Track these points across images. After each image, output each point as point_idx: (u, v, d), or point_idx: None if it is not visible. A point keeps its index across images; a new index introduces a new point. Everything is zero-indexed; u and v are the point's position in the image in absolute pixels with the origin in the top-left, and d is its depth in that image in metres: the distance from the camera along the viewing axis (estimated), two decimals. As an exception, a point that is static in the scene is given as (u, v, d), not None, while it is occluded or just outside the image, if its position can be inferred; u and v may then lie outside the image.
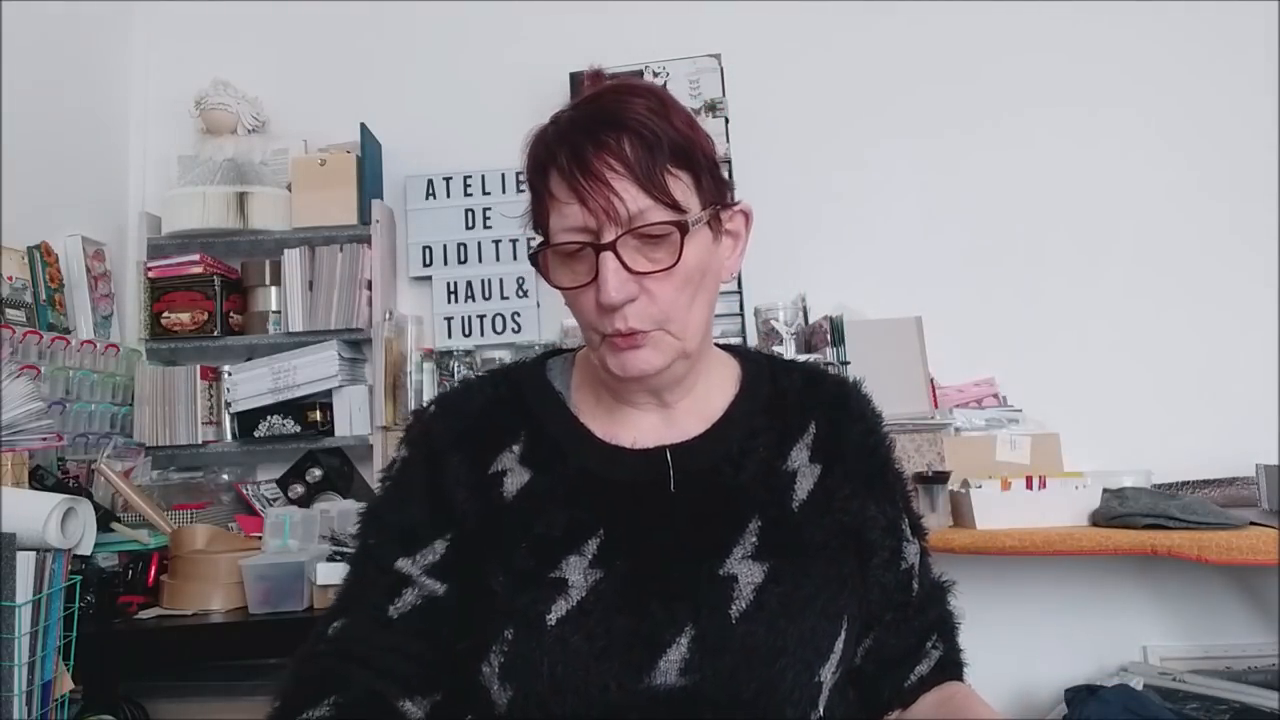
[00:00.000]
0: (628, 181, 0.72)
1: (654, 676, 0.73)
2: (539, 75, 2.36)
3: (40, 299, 2.01)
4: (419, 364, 2.30)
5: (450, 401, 0.88)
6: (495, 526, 0.80)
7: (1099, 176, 2.32)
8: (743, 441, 0.84)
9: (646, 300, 0.75)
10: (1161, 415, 2.19)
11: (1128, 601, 2.16)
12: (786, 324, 2.18)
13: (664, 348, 0.78)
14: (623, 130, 0.73)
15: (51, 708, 1.33)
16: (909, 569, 0.88)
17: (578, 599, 0.75)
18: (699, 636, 0.74)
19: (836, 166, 2.38)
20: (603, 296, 0.73)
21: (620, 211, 0.72)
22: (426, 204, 2.43)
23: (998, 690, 2.06)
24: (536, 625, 0.74)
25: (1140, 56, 2.35)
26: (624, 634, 0.74)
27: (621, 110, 0.75)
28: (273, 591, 1.70)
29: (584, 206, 0.73)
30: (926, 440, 2.03)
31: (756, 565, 0.78)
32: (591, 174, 0.72)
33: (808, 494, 0.83)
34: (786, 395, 0.88)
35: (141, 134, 2.50)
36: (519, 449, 0.83)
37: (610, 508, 0.79)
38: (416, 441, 0.87)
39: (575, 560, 0.77)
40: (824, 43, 2.43)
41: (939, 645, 0.88)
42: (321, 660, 0.79)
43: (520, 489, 0.81)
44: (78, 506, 1.39)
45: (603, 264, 0.73)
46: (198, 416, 2.21)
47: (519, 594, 0.76)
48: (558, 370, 0.90)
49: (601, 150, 0.73)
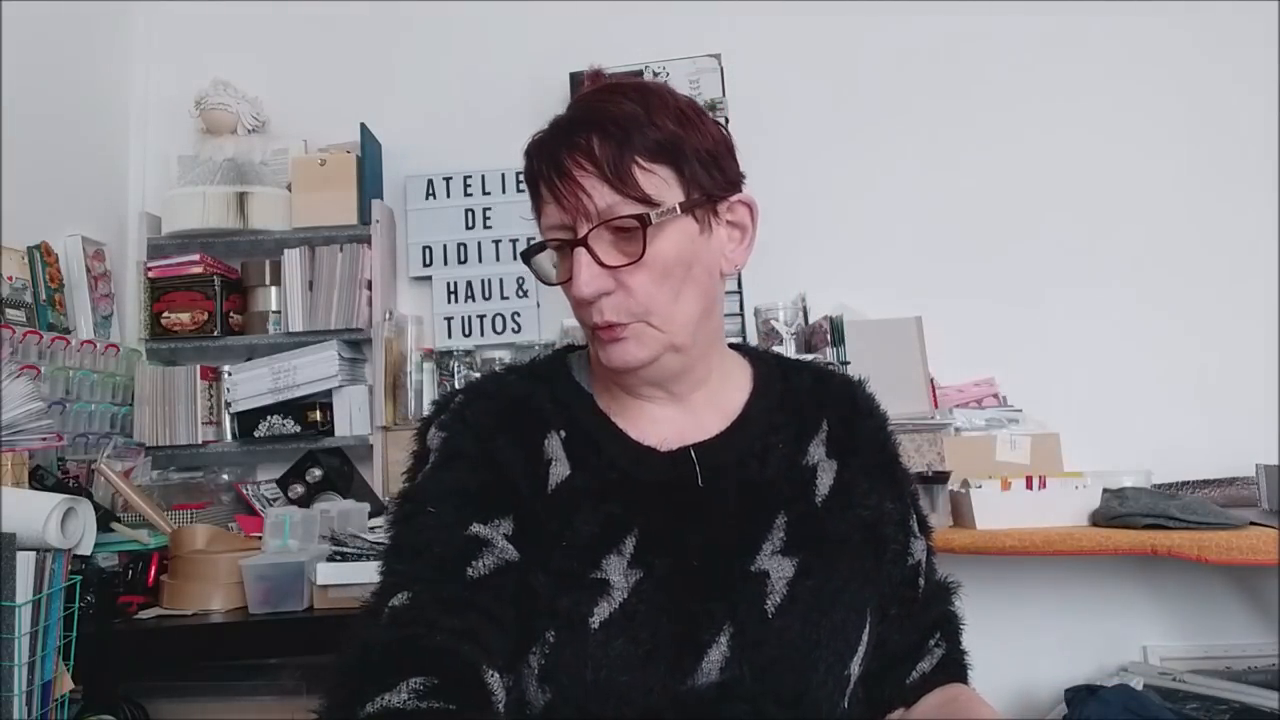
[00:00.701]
0: (596, 179, 0.74)
1: (697, 677, 0.73)
2: (539, 75, 2.36)
3: (40, 299, 2.01)
4: (419, 364, 2.30)
5: (481, 389, 0.86)
6: (538, 518, 0.78)
7: (1099, 176, 2.32)
8: (764, 437, 0.84)
9: (623, 294, 0.76)
10: (1161, 415, 2.19)
11: (1128, 601, 2.16)
12: (786, 324, 2.18)
13: (647, 340, 0.78)
14: (593, 129, 0.75)
15: (51, 708, 1.33)
16: (915, 565, 0.88)
17: (620, 600, 0.74)
18: (737, 634, 0.74)
19: (836, 166, 2.38)
20: (574, 290, 0.76)
21: (589, 207, 0.74)
22: (426, 204, 2.43)
23: (998, 690, 2.06)
24: (580, 628, 0.73)
25: (1141, 57, 2.35)
26: (668, 637, 0.73)
27: (597, 109, 0.77)
28: (273, 591, 1.70)
29: (559, 205, 0.76)
30: (926, 440, 2.03)
31: (786, 560, 0.78)
32: (563, 173, 0.75)
33: (829, 489, 0.84)
34: (799, 393, 0.89)
35: (141, 134, 2.50)
36: (564, 435, 0.82)
37: (642, 506, 0.79)
38: (452, 423, 0.82)
39: (615, 560, 0.76)
40: (824, 43, 2.43)
41: (942, 644, 0.88)
42: (396, 632, 0.68)
43: (561, 481, 0.80)
44: (78, 506, 1.39)
45: (575, 259, 0.76)
46: (198, 416, 2.21)
47: (561, 595, 0.74)
48: (578, 366, 0.90)
49: (574, 151, 0.75)
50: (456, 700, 0.64)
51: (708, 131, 0.80)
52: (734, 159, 0.83)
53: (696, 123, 0.79)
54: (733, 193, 0.82)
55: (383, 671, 0.65)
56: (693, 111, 0.80)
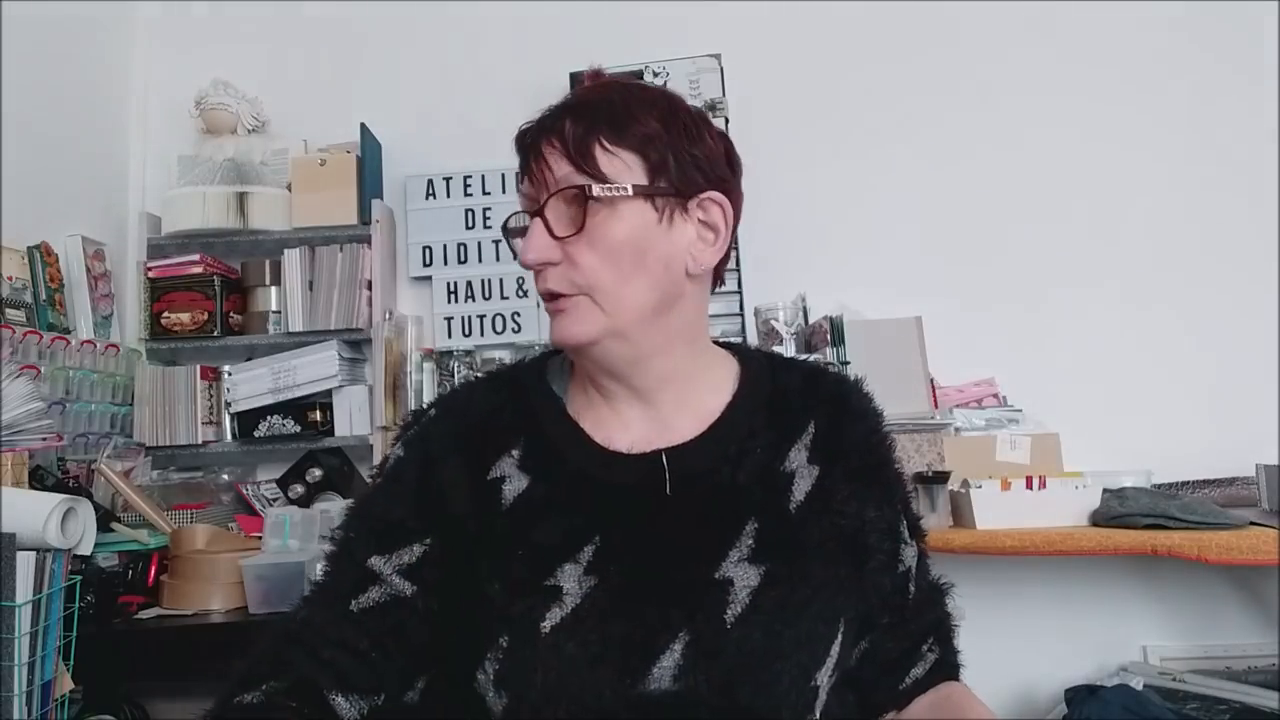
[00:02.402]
0: (559, 155, 0.77)
1: (648, 682, 0.72)
2: (539, 75, 2.35)
3: (40, 299, 2.01)
4: (419, 364, 2.30)
5: (451, 404, 0.88)
6: (492, 532, 0.79)
7: (1099, 176, 2.32)
8: (741, 442, 0.83)
9: (567, 265, 0.78)
10: (1161, 415, 2.19)
11: (1128, 601, 2.16)
12: (786, 324, 2.18)
13: (587, 316, 0.78)
14: (569, 113, 0.78)
15: (51, 708, 1.33)
16: (906, 572, 0.87)
17: (572, 606, 0.74)
18: (693, 642, 0.73)
19: (836, 166, 2.38)
20: (521, 256, 0.79)
21: (548, 179, 0.77)
22: (426, 204, 2.43)
23: (998, 690, 2.06)
24: (530, 633, 0.74)
25: (1141, 57, 2.35)
26: (618, 640, 0.73)
27: (580, 97, 0.81)
28: (273, 591, 1.70)
29: (530, 180, 0.80)
30: (926, 440, 2.03)
31: (752, 568, 0.77)
32: (535, 151, 0.79)
33: (805, 495, 0.82)
34: (787, 394, 0.87)
35: (141, 134, 2.50)
36: (518, 454, 0.82)
37: (606, 513, 0.79)
38: (413, 443, 0.86)
39: (570, 568, 0.76)
40: (824, 43, 2.43)
41: (935, 648, 0.88)
42: (275, 642, 0.79)
43: (518, 495, 0.80)
44: (78, 506, 1.39)
45: (531, 228, 0.78)
46: (198, 416, 2.21)
47: (514, 602, 0.76)
48: (556, 370, 0.90)
49: (548, 132, 0.78)
50: (300, 713, 0.75)
51: (702, 139, 0.79)
52: (732, 172, 0.82)
53: (690, 128, 0.79)
54: (700, 189, 0.79)
55: (257, 669, 0.77)
56: (690, 120, 0.80)
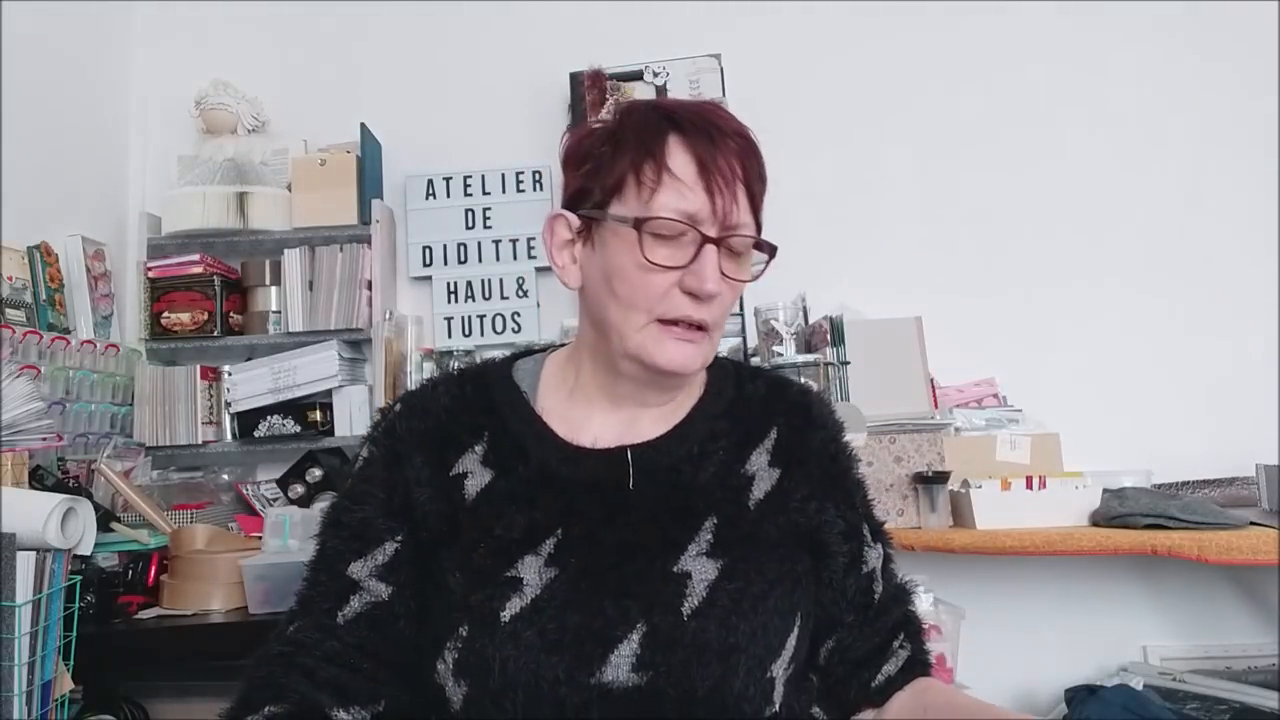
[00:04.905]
0: (744, 197, 0.81)
1: (605, 672, 0.74)
2: (539, 75, 2.36)
3: (40, 299, 2.01)
4: (419, 364, 2.30)
5: (415, 401, 0.90)
6: (456, 527, 0.81)
7: (1099, 176, 2.32)
8: (704, 443, 0.86)
9: (719, 301, 0.80)
10: (1161, 415, 2.19)
11: (1128, 601, 2.16)
12: (786, 324, 2.18)
13: (707, 349, 0.82)
14: (750, 150, 0.82)
15: (51, 708, 1.33)
16: (870, 572, 0.89)
17: (532, 596, 0.76)
18: (650, 633, 0.75)
19: (836, 166, 2.38)
20: (706, 284, 0.78)
21: (733, 217, 0.80)
22: (426, 204, 2.42)
23: (998, 690, 2.05)
24: (490, 621, 0.75)
25: (1140, 58, 2.35)
26: (575, 630, 0.75)
27: (743, 131, 0.83)
28: (273, 591, 1.70)
29: (708, 195, 0.78)
30: (926, 440, 2.02)
31: (710, 562, 0.79)
32: (722, 171, 0.79)
33: (765, 494, 0.85)
34: (750, 401, 0.90)
35: (141, 134, 2.50)
36: (481, 449, 0.84)
37: (569, 507, 0.81)
38: (379, 440, 0.88)
39: (531, 559, 0.78)
40: (824, 43, 2.43)
41: (906, 645, 0.90)
42: (270, 665, 0.81)
43: (481, 490, 0.82)
44: (78, 506, 1.39)
45: (708, 255, 0.78)
46: (198, 416, 2.21)
47: (474, 591, 0.77)
48: (526, 370, 0.91)
49: (740, 156, 0.81)
50: None
51: None
52: None
53: None
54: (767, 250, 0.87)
55: (256, 694, 0.79)
56: None
